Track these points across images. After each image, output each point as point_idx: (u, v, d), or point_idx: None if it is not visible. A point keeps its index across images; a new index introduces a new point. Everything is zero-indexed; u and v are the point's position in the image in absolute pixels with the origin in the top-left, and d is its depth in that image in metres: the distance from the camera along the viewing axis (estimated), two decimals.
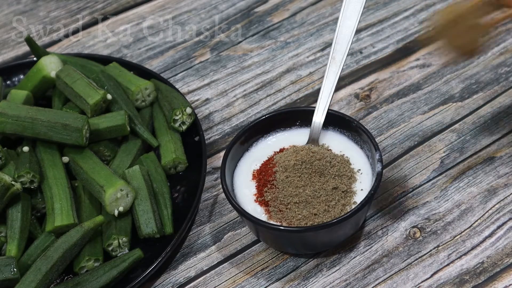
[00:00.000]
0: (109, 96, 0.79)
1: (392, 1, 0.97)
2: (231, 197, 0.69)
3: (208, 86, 0.90)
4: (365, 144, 0.72)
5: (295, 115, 0.75)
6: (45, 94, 0.84)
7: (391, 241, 0.72)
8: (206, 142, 0.82)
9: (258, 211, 0.69)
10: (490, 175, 0.76)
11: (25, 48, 0.97)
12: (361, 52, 0.91)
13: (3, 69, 0.89)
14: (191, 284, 0.71)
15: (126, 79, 0.83)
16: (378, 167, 0.68)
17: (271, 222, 0.68)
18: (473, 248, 0.70)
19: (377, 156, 0.69)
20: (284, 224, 0.67)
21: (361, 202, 0.67)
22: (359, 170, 0.71)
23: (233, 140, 0.73)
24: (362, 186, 0.70)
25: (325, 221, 0.67)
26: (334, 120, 0.74)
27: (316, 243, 0.70)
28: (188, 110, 0.80)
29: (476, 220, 0.72)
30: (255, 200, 0.70)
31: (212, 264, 0.72)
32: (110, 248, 0.72)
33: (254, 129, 0.75)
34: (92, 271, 0.70)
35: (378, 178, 0.68)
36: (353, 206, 0.68)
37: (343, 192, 0.69)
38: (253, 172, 0.72)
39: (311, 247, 0.71)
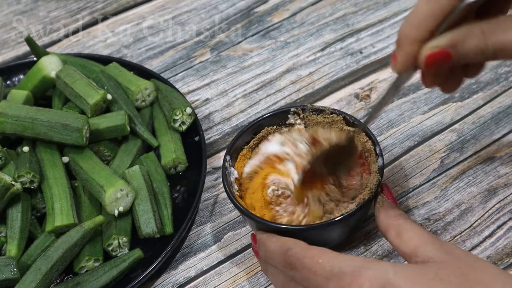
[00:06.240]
0: (109, 96, 0.79)
1: (392, 1, 0.97)
2: (232, 197, 0.68)
3: (208, 86, 0.90)
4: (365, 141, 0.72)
5: None
6: (45, 94, 0.84)
7: None
8: (206, 142, 0.82)
9: None
10: (490, 175, 0.76)
11: (25, 48, 0.97)
12: (361, 52, 0.91)
13: (3, 69, 0.89)
14: (191, 284, 0.71)
15: (126, 79, 0.83)
16: (380, 161, 0.68)
17: (272, 221, 0.68)
18: (473, 248, 0.70)
19: (377, 151, 0.68)
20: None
21: (362, 201, 0.66)
22: None
23: (233, 140, 0.73)
24: None
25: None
26: None
27: (316, 243, 0.70)
28: (188, 110, 0.80)
29: (476, 220, 0.72)
30: None
31: (212, 264, 0.72)
32: (110, 248, 0.72)
33: (254, 128, 0.74)
34: (92, 271, 0.70)
35: (380, 173, 0.67)
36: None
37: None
38: None
39: None
